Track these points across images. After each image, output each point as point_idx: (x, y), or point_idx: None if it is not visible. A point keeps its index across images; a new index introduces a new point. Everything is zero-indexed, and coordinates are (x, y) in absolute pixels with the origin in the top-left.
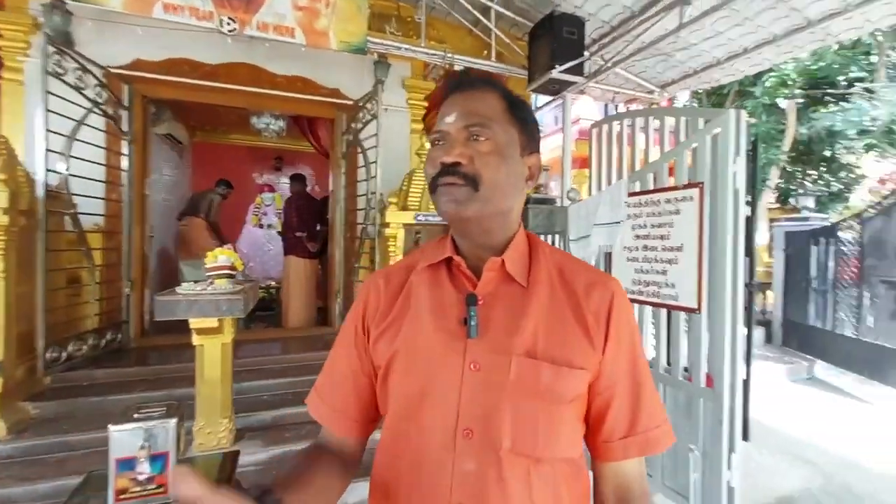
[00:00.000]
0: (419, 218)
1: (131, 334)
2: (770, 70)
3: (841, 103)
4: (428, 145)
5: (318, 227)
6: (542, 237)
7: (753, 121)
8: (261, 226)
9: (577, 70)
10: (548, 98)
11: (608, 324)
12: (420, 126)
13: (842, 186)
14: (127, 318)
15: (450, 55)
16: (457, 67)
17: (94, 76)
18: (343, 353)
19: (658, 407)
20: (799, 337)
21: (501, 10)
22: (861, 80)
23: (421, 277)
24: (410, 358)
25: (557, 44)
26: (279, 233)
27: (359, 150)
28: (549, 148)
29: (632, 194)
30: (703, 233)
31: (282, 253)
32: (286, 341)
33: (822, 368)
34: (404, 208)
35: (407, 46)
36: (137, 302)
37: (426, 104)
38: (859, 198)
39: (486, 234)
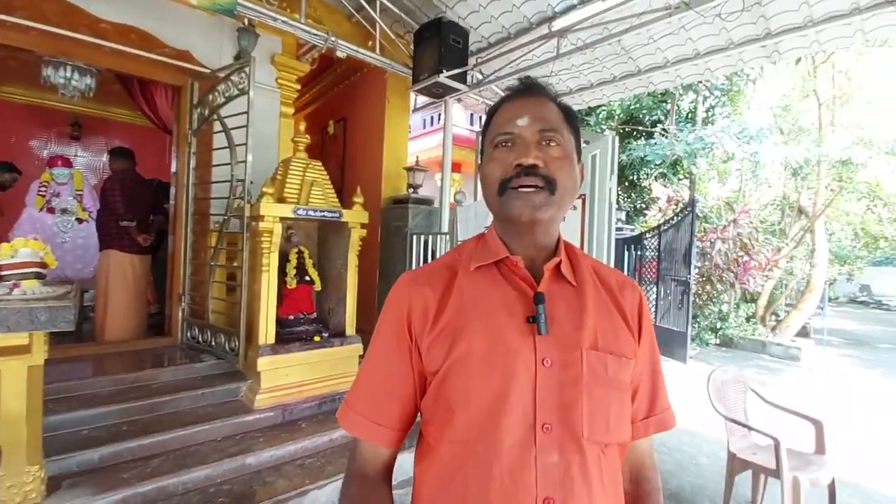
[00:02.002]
0: (299, 212)
1: None
2: (602, 105)
3: (648, 139)
4: (302, 127)
5: (152, 217)
6: (422, 237)
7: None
8: (51, 210)
9: (461, 78)
10: (425, 100)
11: (640, 318)
12: (291, 110)
13: (642, 205)
14: None
15: (333, 39)
16: (339, 53)
17: None
18: (383, 363)
19: (666, 390)
20: None
21: (387, 3)
22: (660, 121)
23: (472, 278)
24: (482, 360)
25: (445, 49)
26: (78, 220)
27: (217, 128)
28: (420, 149)
29: None
30: (585, 237)
31: (84, 246)
32: (108, 359)
33: None
34: (280, 200)
35: (284, 19)
36: None
37: (298, 86)
38: (652, 215)
39: (545, 235)
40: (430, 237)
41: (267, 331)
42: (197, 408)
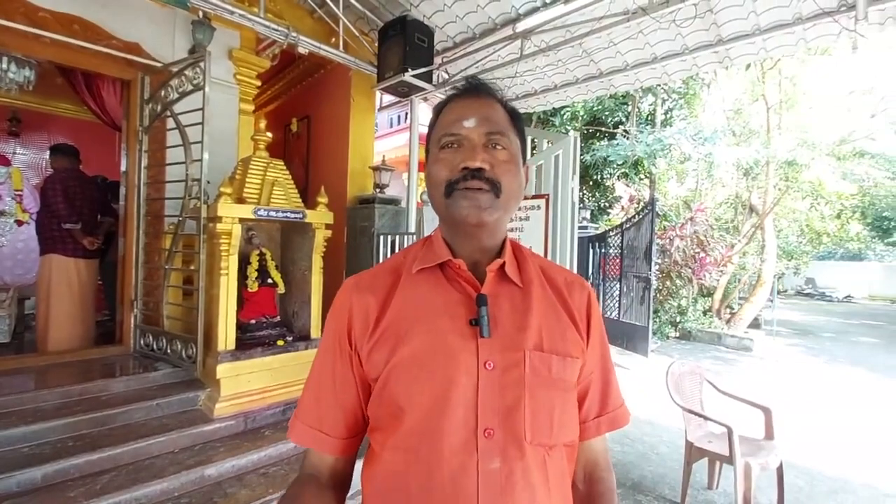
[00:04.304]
0: (259, 213)
1: None
2: (566, 106)
3: (611, 140)
4: (263, 124)
5: (99, 218)
6: (388, 238)
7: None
8: None
9: (427, 77)
10: (391, 99)
11: (589, 318)
12: (251, 107)
13: (606, 204)
14: None
15: (294, 34)
16: (300, 49)
17: None
18: (327, 371)
19: (619, 387)
20: None
21: None
22: (622, 123)
23: (415, 280)
24: (422, 364)
25: (410, 48)
26: (18, 222)
27: (170, 125)
28: (387, 149)
29: None
30: (549, 236)
31: (25, 250)
32: (52, 370)
33: None
34: (240, 200)
35: (241, 12)
36: None
37: (258, 82)
38: (615, 213)
39: (490, 238)
40: (398, 237)
41: (227, 336)
42: (151, 419)
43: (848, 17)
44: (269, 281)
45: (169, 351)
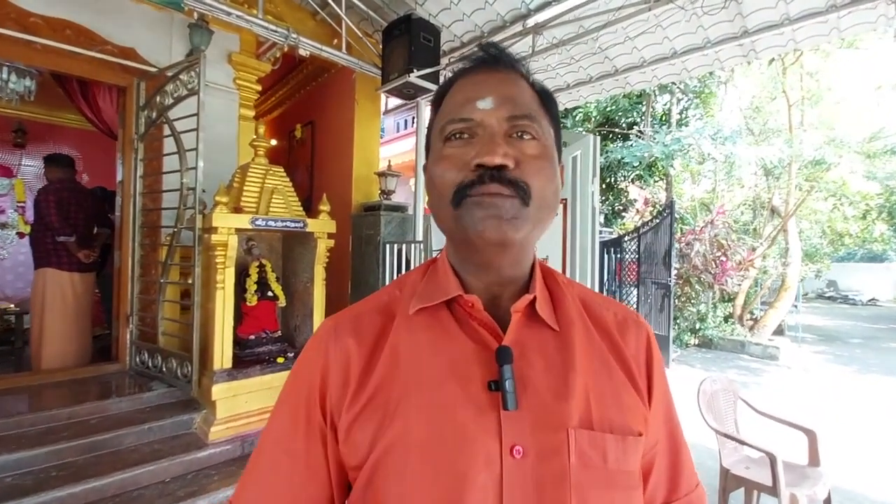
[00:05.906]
0: (257, 222)
1: None
2: (578, 106)
3: (625, 141)
4: (258, 129)
5: (96, 230)
6: (395, 246)
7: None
8: None
9: (434, 78)
10: (397, 102)
11: (650, 371)
12: (251, 113)
13: (620, 207)
14: None
15: (294, 36)
16: (301, 52)
17: None
18: (281, 455)
19: (692, 461)
20: None
21: (354, 0)
22: (636, 123)
23: (413, 325)
24: (423, 451)
25: (415, 47)
26: (20, 234)
27: (166, 132)
28: (394, 154)
29: None
30: (567, 244)
31: (27, 263)
32: (41, 390)
33: None
34: (237, 210)
35: (239, 14)
36: None
37: (259, 87)
38: (629, 217)
39: (516, 263)
40: (404, 246)
41: (223, 354)
42: (142, 445)
43: (887, 4)
44: (270, 294)
45: (164, 369)
